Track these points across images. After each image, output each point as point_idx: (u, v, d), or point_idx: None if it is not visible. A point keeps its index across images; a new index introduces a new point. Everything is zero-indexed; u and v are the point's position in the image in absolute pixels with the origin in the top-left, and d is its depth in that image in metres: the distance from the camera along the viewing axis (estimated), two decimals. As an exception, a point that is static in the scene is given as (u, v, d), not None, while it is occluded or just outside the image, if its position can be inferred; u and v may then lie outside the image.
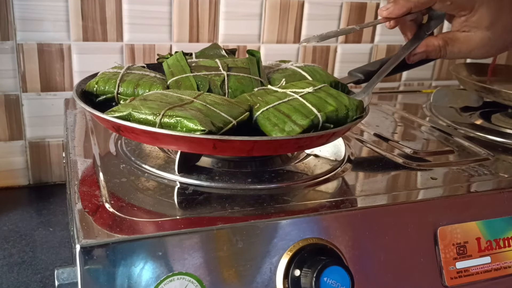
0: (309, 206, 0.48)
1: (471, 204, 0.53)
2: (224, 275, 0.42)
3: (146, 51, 0.84)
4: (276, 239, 0.44)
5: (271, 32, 0.91)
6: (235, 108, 0.51)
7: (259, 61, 0.62)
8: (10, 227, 0.72)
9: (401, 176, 0.57)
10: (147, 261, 0.40)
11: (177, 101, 0.50)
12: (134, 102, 0.51)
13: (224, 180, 0.51)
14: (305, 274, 0.42)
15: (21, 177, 0.84)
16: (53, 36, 0.78)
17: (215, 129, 0.47)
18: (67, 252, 0.67)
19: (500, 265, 0.53)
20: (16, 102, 0.79)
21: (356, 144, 0.66)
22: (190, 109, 0.49)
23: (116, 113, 0.49)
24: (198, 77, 0.58)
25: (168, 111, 0.48)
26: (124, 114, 0.49)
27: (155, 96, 0.52)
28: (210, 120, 0.47)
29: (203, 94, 0.54)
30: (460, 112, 0.85)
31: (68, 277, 0.40)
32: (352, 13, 0.96)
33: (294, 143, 0.49)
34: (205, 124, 0.46)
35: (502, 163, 0.63)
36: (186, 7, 0.84)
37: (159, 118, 0.47)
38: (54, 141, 0.83)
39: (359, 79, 0.71)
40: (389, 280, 0.48)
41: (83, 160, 0.56)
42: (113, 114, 0.49)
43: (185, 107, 0.49)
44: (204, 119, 0.47)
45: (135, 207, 0.45)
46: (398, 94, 1.00)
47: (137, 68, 0.62)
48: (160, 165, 0.54)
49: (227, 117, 0.49)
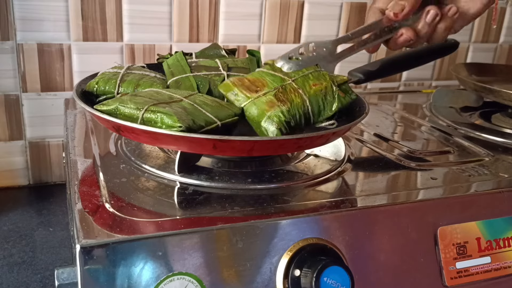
0: (309, 206, 0.48)
1: (471, 204, 0.53)
2: (224, 275, 0.42)
3: (146, 51, 0.84)
4: (276, 239, 0.44)
5: (271, 32, 0.91)
6: (224, 110, 0.52)
7: (259, 61, 0.62)
8: (10, 227, 0.72)
9: (401, 176, 0.57)
10: (147, 261, 0.40)
11: (166, 99, 0.51)
12: (124, 97, 0.52)
13: (224, 180, 0.51)
14: (305, 274, 0.42)
15: (21, 177, 0.84)
16: (53, 36, 0.78)
17: (196, 127, 0.47)
18: (67, 252, 0.67)
19: (500, 265, 0.53)
20: (16, 102, 0.79)
21: (356, 144, 0.66)
22: (176, 107, 0.49)
23: (104, 106, 0.50)
24: (198, 77, 0.58)
25: (152, 107, 0.49)
26: (111, 108, 0.50)
27: (147, 93, 0.53)
28: (192, 118, 0.48)
29: (195, 95, 0.54)
30: (460, 112, 0.85)
31: (68, 277, 0.40)
32: (352, 13, 0.96)
33: (294, 143, 0.49)
34: (184, 121, 0.47)
35: (502, 163, 0.63)
36: (186, 7, 0.84)
37: (141, 112, 0.48)
38: (54, 141, 0.83)
39: (359, 79, 0.71)
40: (389, 280, 0.48)
41: (83, 160, 0.56)
42: (101, 107, 0.51)
43: (171, 104, 0.50)
44: (185, 117, 0.48)
45: (135, 207, 0.45)
46: (398, 94, 1.00)
47: (137, 68, 0.62)
48: (160, 165, 0.54)
49: (211, 118, 0.49)
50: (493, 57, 1.15)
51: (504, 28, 1.13)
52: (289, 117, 0.51)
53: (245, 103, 0.53)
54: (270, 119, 0.50)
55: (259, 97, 0.53)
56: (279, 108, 0.51)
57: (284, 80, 0.54)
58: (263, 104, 0.52)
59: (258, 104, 0.52)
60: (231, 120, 0.51)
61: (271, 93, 0.53)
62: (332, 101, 0.55)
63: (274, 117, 0.51)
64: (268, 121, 0.50)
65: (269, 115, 0.51)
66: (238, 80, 0.55)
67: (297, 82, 0.54)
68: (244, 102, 0.53)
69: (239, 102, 0.53)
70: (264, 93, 0.53)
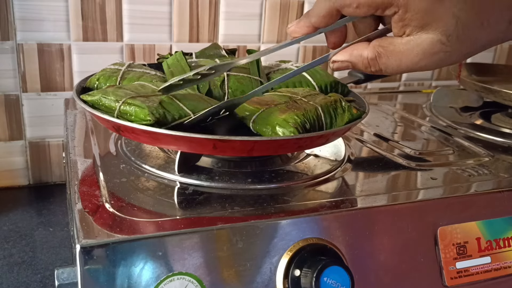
0: (309, 206, 0.48)
1: (471, 204, 0.53)
2: (224, 275, 0.42)
3: (146, 51, 0.84)
4: (276, 239, 0.44)
5: (271, 32, 0.91)
6: (203, 103, 0.52)
7: (259, 61, 0.62)
8: (10, 227, 0.72)
9: (401, 176, 0.57)
10: (147, 261, 0.40)
11: (148, 92, 0.52)
12: (108, 88, 0.53)
13: (224, 180, 0.51)
14: (305, 274, 0.42)
15: (21, 177, 0.84)
16: (53, 36, 0.78)
17: (167, 121, 0.48)
18: (67, 252, 0.67)
19: (500, 265, 0.53)
20: (16, 102, 0.79)
21: (356, 144, 0.66)
22: (152, 100, 0.50)
23: (90, 96, 0.52)
24: (198, 77, 0.58)
25: (129, 99, 0.49)
26: (94, 98, 0.51)
27: (132, 86, 0.54)
28: (164, 111, 0.48)
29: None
30: (460, 112, 0.85)
31: (68, 277, 0.40)
32: (352, 13, 0.96)
33: (294, 143, 0.49)
34: (153, 115, 0.47)
35: (502, 163, 0.63)
36: (186, 7, 0.84)
37: (119, 105, 0.49)
38: (54, 141, 0.83)
39: (359, 79, 0.71)
40: (389, 280, 0.48)
41: (83, 160, 0.56)
42: (87, 97, 0.52)
43: (150, 98, 0.50)
44: (158, 110, 0.48)
45: (135, 207, 0.45)
46: (398, 94, 1.00)
47: (138, 66, 0.63)
48: (160, 165, 0.54)
49: (186, 110, 0.50)
50: (493, 57, 1.15)
51: (504, 28, 1.12)
52: (304, 119, 0.50)
53: (256, 114, 0.51)
54: (286, 121, 0.49)
55: (270, 107, 0.52)
56: (294, 112, 0.51)
57: (292, 97, 0.54)
58: (276, 111, 0.51)
59: (271, 111, 0.51)
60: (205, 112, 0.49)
61: (282, 104, 0.52)
62: (343, 113, 0.54)
63: (289, 119, 0.50)
64: (284, 123, 0.49)
65: (284, 118, 0.50)
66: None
67: (306, 97, 0.55)
68: (255, 113, 0.52)
69: (249, 114, 0.52)
70: (276, 104, 0.53)
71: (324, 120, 0.53)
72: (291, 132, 0.49)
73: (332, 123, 0.53)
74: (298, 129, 0.49)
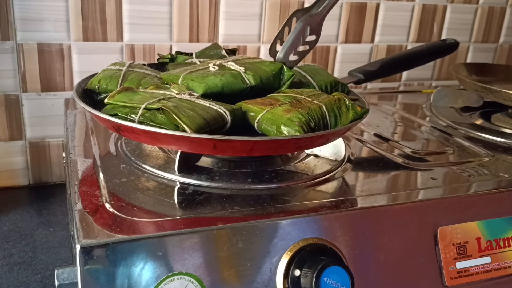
0: (309, 206, 0.48)
1: (471, 204, 0.53)
2: (224, 275, 0.42)
3: (146, 51, 0.84)
4: (276, 239, 0.44)
5: (271, 32, 0.91)
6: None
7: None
8: (10, 227, 0.72)
9: (401, 176, 0.57)
10: (147, 261, 0.40)
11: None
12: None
13: (224, 180, 0.51)
14: (305, 274, 0.42)
15: (21, 177, 0.84)
16: (53, 36, 0.78)
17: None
18: (67, 252, 0.67)
19: (500, 265, 0.53)
20: (16, 102, 0.79)
21: (356, 144, 0.66)
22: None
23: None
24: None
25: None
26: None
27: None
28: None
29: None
30: (460, 112, 0.85)
31: (68, 277, 0.40)
32: (352, 13, 0.96)
33: (294, 143, 0.49)
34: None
35: (502, 163, 0.63)
36: (186, 7, 0.84)
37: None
38: (54, 141, 0.83)
39: (359, 79, 0.71)
40: (389, 280, 0.48)
41: (83, 160, 0.56)
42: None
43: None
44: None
45: (135, 207, 0.45)
46: (398, 94, 1.00)
47: (138, 66, 0.63)
48: (160, 165, 0.54)
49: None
50: (493, 57, 1.15)
51: (504, 28, 1.13)
52: (309, 118, 0.50)
53: (261, 114, 0.51)
54: (291, 120, 0.49)
55: (275, 107, 0.52)
56: (298, 111, 0.51)
57: (296, 97, 0.54)
58: (280, 111, 0.51)
59: (276, 112, 0.51)
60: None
61: (286, 104, 0.52)
62: (347, 111, 0.54)
63: (294, 118, 0.50)
64: (289, 122, 0.49)
65: (289, 117, 0.50)
66: (249, 100, 0.54)
67: (310, 97, 0.54)
68: (260, 113, 0.51)
69: (254, 115, 0.52)
70: (280, 104, 0.52)
71: (328, 118, 0.52)
72: (296, 131, 0.49)
73: (337, 122, 0.53)
74: (303, 127, 0.49)
